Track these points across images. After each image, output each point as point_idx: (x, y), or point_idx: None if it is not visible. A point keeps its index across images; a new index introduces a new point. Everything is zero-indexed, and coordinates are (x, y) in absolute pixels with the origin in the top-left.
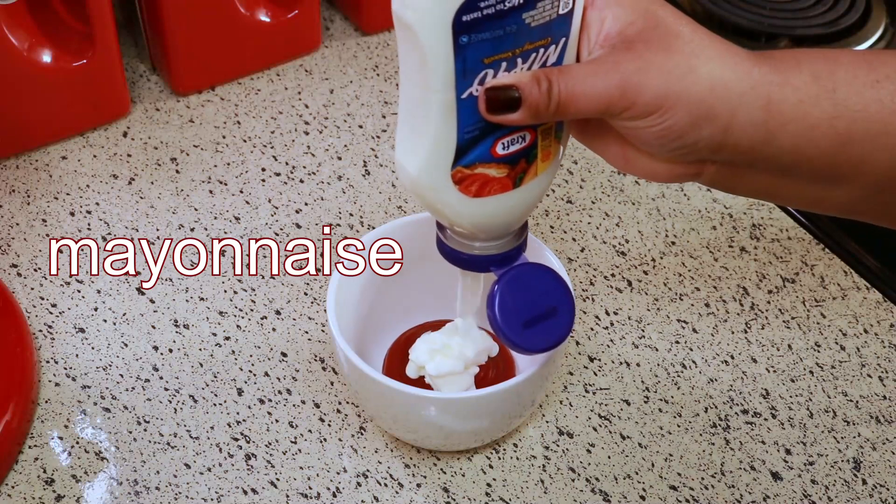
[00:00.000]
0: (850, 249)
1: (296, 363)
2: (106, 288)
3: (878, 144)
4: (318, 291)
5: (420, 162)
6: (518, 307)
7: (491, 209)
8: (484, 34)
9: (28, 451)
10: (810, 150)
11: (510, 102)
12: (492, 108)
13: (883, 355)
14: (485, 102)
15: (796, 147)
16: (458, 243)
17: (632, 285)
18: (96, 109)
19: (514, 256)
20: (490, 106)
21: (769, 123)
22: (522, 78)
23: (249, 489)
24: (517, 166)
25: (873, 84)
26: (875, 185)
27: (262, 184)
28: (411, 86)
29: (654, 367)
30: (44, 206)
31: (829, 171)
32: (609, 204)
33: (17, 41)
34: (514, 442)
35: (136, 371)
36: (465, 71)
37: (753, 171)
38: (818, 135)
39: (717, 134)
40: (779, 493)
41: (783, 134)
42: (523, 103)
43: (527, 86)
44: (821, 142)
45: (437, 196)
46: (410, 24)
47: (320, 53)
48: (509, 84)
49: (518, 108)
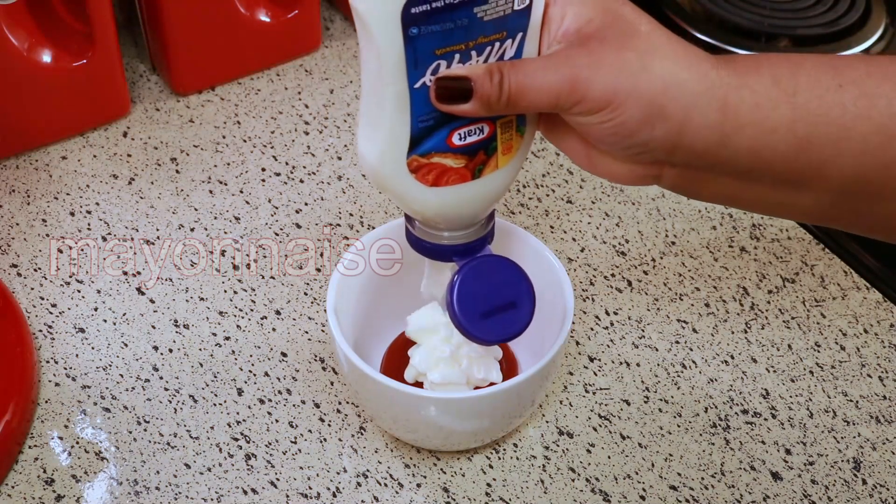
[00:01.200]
0: (850, 249)
1: (296, 363)
2: (106, 288)
3: (840, 149)
4: (318, 291)
5: (377, 151)
6: (477, 297)
7: (449, 199)
8: (434, 26)
9: (28, 451)
10: (768, 154)
11: (461, 93)
12: (442, 98)
13: (883, 355)
14: (435, 92)
15: (754, 150)
16: (422, 232)
17: (632, 285)
18: (96, 109)
19: (477, 248)
20: (440, 95)
21: (725, 126)
22: (476, 70)
23: (249, 489)
24: (475, 157)
25: (836, 88)
26: (839, 190)
27: (262, 184)
28: (368, 76)
29: (653, 367)
30: (44, 206)
31: (790, 176)
32: (609, 204)
33: (17, 41)
34: (514, 442)
35: (136, 371)
36: (416, 61)
37: (712, 174)
38: (777, 139)
39: (670, 134)
40: (779, 493)
41: (740, 137)
42: (474, 94)
43: (479, 77)
44: (779, 146)
45: (395, 184)
46: (363, 14)
47: (320, 53)
48: (461, 75)
49: (469, 99)
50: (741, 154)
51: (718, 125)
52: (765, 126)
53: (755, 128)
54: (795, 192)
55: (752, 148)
